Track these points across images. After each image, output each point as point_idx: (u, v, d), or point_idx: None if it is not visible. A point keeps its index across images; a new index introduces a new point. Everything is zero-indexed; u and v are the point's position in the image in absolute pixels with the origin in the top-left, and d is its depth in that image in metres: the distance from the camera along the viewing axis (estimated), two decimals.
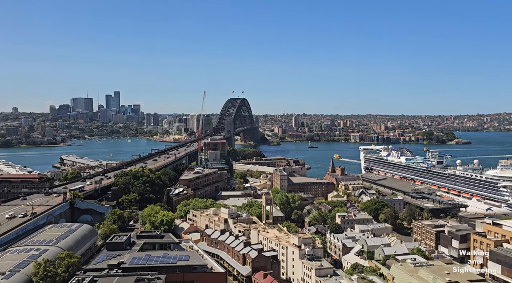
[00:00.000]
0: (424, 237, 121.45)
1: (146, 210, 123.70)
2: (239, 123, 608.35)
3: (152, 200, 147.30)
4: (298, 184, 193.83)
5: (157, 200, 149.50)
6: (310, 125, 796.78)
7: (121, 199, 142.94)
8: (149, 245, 78.81)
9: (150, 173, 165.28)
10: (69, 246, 78.69)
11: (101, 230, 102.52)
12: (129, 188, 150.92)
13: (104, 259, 69.41)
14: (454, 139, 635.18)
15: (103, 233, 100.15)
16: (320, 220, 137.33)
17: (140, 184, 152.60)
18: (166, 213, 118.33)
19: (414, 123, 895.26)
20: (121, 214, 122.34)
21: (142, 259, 68.88)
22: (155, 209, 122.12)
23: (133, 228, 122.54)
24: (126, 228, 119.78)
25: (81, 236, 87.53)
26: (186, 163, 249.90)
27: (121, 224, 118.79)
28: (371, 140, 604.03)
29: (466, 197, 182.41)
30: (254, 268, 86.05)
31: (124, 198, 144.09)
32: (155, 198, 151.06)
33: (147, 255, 70.90)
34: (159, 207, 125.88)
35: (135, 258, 69.17)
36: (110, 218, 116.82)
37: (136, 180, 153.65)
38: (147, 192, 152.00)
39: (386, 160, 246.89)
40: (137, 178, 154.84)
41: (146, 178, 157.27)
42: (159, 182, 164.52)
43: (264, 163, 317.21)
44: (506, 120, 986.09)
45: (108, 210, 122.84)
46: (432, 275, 70.86)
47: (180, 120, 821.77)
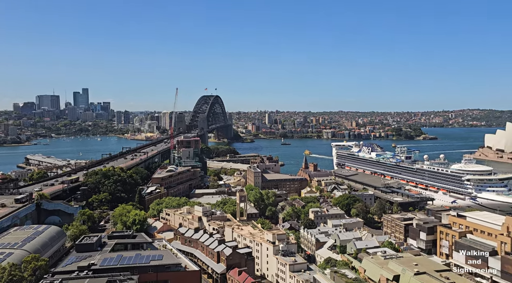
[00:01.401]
0: (393, 230, 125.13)
1: (117, 209, 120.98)
2: (213, 121, 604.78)
3: (124, 199, 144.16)
4: (272, 180, 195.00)
5: (129, 199, 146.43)
6: (284, 122, 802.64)
7: (91, 199, 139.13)
8: (121, 245, 77.05)
9: (121, 171, 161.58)
10: (35, 249, 75.70)
11: (70, 231, 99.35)
12: (99, 187, 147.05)
13: (73, 261, 67.32)
14: (421, 135, 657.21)
15: (72, 234, 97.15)
16: (294, 216, 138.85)
17: (111, 183, 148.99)
18: (138, 212, 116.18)
19: (383, 119, 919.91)
20: (91, 214, 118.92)
21: (114, 260, 67.31)
22: (126, 208, 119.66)
23: (104, 229, 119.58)
24: (97, 229, 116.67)
25: (49, 238, 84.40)
26: (159, 161, 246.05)
27: (91, 225, 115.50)
28: (342, 137, 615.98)
29: (433, 191, 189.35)
30: (228, 266, 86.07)
31: (94, 197, 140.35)
32: (126, 197, 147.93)
33: (119, 256, 69.36)
34: (131, 206, 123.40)
35: (106, 259, 67.52)
36: (80, 219, 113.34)
37: (107, 179, 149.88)
38: (118, 191, 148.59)
39: (357, 156, 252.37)
40: (107, 177, 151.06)
41: (117, 177, 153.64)
42: (130, 180, 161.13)
43: (238, 160, 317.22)
44: (470, 116, 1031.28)
45: (77, 211, 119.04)
46: (401, 267, 73.19)
47: (152, 118, 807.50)
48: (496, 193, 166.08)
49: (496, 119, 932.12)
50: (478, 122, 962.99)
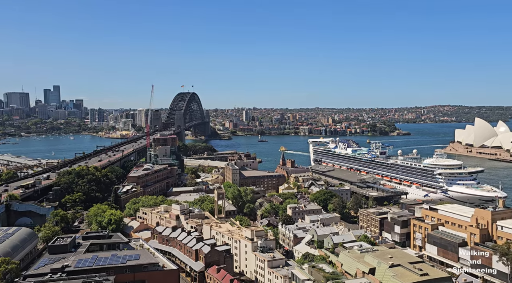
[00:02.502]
0: (369, 224, 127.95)
1: (92, 209, 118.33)
2: (190, 118, 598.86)
3: (99, 199, 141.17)
4: (250, 177, 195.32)
5: (104, 198, 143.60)
6: (261, 119, 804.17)
7: (64, 199, 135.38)
8: (96, 245, 75.48)
9: (95, 171, 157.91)
10: (5, 252, 73.00)
11: (42, 233, 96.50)
12: (72, 187, 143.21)
13: (46, 263, 65.44)
14: (395, 131, 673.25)
15: (45, 236, 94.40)
16: (272, 212, 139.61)
17: (85, 182, 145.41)
18: (114, 212, 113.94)
19: (359, 116, 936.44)
20: (64, 215, 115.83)
21: (89, 261, 65.84)
22: (102, 208, 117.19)
23: (78, 229, 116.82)
24: (71, 230, 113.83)
25: (19, 240, 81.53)
26: (135, 160, 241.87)
27: (64, 226, 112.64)
28: (319, 133, 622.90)
29: (406, 185, 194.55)
30: (207, 263, 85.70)
31: (67, 198, 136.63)
32: (101, 197, 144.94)
33: (94, 257, 67.90)
34: (106, 206, 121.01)
35: (81, 260, 65.95)
36: (52, 220, 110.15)
37: (81, 179, 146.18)
38: (93, 190, 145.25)
39: (334, 152, 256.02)
40: (81, 177, 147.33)
41: (92, 176, 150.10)
42: (105, 180, 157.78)
43: (216, 158, 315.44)
44: (441, 112, 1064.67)
45: (49, 212, 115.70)
46: (376, 260, 74.89)
47: (127, 116, 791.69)
48: (466, 186, 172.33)
49: (466, 115, 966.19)
50: (448, 118, 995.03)
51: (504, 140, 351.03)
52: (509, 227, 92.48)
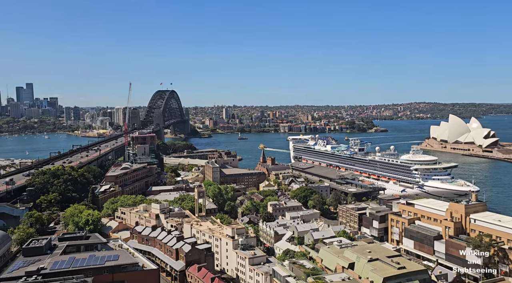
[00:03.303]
0: (348, 220, 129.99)
1: (68, 210, 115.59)
2: (169, 116, 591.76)
3: (75, 199, 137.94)
4: (230, 175, 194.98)
5: (81, 198, 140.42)
6: (241, 117, 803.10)
7: (39, 200, 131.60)
8: (73, 247, 73.66)
9: (72, 170, 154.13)
10: None
11: (16, 235, 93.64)
12: (48, 187, 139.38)
13: (20, 266, 63.36)
14: (373, 128, 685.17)
15: (19, 238, 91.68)
16: (253, 209, 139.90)
17: (61, 182, 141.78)
18: (91, 212, 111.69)
19: (338, 113, 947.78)
20: (39, 216, 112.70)
21: (66, 263, 64.21)
22: (78, 208, 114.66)
23: (54, 231, 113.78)
24: (46, 231, 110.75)
25: None
26: (113, 159, 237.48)
27: (39, 227, 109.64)
28: (299, 131, 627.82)
29: (384, 181, 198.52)
30: (188, 262, 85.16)
31: (42, 198, 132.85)
32: (78, 197, 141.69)
33: (71, 258, 66.25)
34: (84, 206, 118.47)
35: (57, 262, 64.25)
36: (26, 221, 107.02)
37: (56, 179, 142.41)
38: (69, 191, 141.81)
39: (314, 149, 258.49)
40: (57, 177, 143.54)
41: (68, 176, 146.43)
42: (82, 179, 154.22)
43: (196, 156, 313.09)
44: (417, 109, 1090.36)
45: (23, 213, 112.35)
46: (356, 255, 76.26)
47: (104, 114, 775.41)
48: (441, 181, 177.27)
49: (440, 112, 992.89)
50: (424, 115, 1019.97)
51: (476, 136, 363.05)
52: (481, 220, 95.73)
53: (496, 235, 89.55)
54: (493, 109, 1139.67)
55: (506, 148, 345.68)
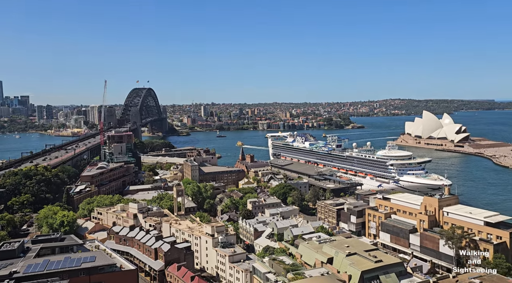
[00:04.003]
0: (327, 216, 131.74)
1: (42, 211, 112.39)
2: (146, 114, 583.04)
3: (49, 200, 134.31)
4: (209, 173, 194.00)
5: (55, 199, 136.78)
6: (219, 115, 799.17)
7: (10, 202, 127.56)
8: (48, 249, 71.64)
9: (45, 171, 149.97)
10: None
11: None
12: (19, 189, 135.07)
13: None
14: (350, 124, 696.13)
15: None
16: (232, 207, 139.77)
17: (34, 183, 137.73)
18: (66, 213, 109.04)
19: (315, 110, 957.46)
20: (11, 218, 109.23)
21: (40, 266, 62.40)
22: (53, 209, 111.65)
23: (27, 233, 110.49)
24: (19, 234, 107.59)
25: None
26: (88, 158, 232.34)
27: (11, 230, 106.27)
28: (277, 128, 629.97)
29: (361, 176, 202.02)
30: (167, 262, 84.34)
31: (14, 200, 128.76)
32: (52, 198, 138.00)
33: (45, 261, 64.44)
34: (58, 207, 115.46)
35: (31, 266, 62.35)
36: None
37: (29, 180, 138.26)
38: (43, 192, 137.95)
39: (292, 146, 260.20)
40: (29, 178, 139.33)
41: (41, 177, 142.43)
42: (56, 180, 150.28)
43: (174, 154, 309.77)
44: (392, 106, 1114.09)
45: None
46: (334, 250, 77.38)
47: (78, 112, 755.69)
48: (415, 175, 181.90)
49: (414, 108, 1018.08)
50: (399, 111, 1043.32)
51: (448, 132, 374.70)
52: (453, 213, 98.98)
53: (468, 227, 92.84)
54: (464, 106, 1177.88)
55: (477, 143, 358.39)
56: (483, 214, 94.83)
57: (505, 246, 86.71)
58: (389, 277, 69.47)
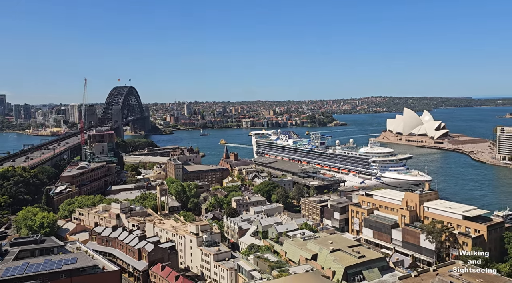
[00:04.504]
0: (311, 212, 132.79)
1: (20, 213, 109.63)
2: (128, 113, 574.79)
3: (28, 201, 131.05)
4: (193, 172, 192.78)
5: (35, 201, 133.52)
6: (203, 113, 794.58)
7: None
8: (27, 252, 69.95)
9: (23, 171, 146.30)
10: None
11: None
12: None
13: None
14: (333, 122, 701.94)
15: None
16: (217, 206, 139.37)
17: (11, 184, 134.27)
18: (46, 215, 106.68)
19: (299, 108, 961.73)
20: None
21: (19, 269, 60.89)
22: (32, 211, 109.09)
23: (5, 235, 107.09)
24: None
25: None
26: (68, 158, 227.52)
27: None
28: (261, 126, 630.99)
29: (344, 173, 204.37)
30: (151, 262, 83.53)
31: None
32: (31, 199, 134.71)
33: (24, 264, 62.90)
34: (38, 209, 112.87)
35: (9, 269, 60.77)
36: None
37: (6, 181, 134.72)
38: (21, 193, 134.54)
39: (276, 144, 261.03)
40: (6, 179, 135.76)
41: (19, 178, 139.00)
42: (35, 181, 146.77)
43: (157, 153, 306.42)
44: (374, 103, 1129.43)
45: None
46: (318, 246, 78.13)
47: (58, 112, 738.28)
48: (397, 172, 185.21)
49: (396, 105, 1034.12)
50: (380, 109, 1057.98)
51: (428, 128, 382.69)
52: (434, 208, 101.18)
53: (447, 221, 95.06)
54: (443, 103, 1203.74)
55: (455, 139, 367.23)
56: (461, 209, 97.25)
57: (482, 239, 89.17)
58: (372, 272, 70.60)
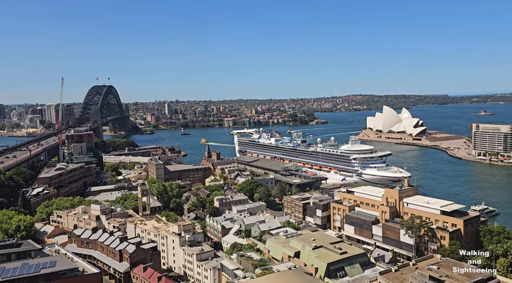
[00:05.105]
0: (293, 210, 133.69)
1: None
2: (107, 113, 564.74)
3: (4, 204, 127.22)
4: (175, 171, 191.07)
5: (10, 203, 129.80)
6: (184, 112, 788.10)
7: None
8: (3, 256, 67.90)
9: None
10: None
11: None
12: None
13: None
14: (314, 120, 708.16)
15: None
16: (199, 205, 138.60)
17: None
18: (22, 218, 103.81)
19: (280, 106, 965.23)
20: None
21: None
22: (7, 214, 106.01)
23: None
24: None
25: None
26: (45, 159, 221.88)
27: None
28: (243, 124, 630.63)
29: (326, 171, 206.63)
30: (132, 263, 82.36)
31: None
32: (7, 202, 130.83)
33: (0, 268, 61.04)
34: (14, 212, 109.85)
35: None
36: None
37: None
38: None
39: (258, 142, 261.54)
40: None
41: None
42: (11, 183, 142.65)
43: (138, 153, 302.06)
44: (354, 101, 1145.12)
45: None
46: (301, 243, 78.71)
47: (34, 112, 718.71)
48: (377, 168, 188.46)
49: (375, 103, 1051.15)
50: (361, 107, 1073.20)
51: (407, 126, 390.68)
52: (413, 203, 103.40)
53: (426, 216, 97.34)
54: (421, 100, 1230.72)
55: (433, 136, 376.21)
56: (439, 204, 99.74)
57: (459, 233, 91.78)
58: (353, 268, 71.63)
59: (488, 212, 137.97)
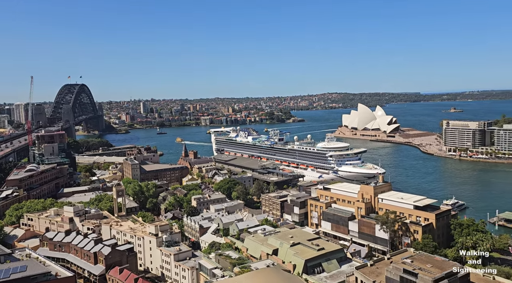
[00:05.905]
0: (271, 208, 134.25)
1: None
2: (80, 112, 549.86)
3: None
4: (151, 171, 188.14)
5: None
6: (160, 111, 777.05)
7: None
8: None
9: None
10: None
11: None
12: None
13: None
14: (291, 118, 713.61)
15: None
16: (176, 205, 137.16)
17: None
18: None
19: (257, 105, 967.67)
20: None
21: None
22: None
23: None
24: None
25: None
26: (14, 161, 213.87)
27: None
28: (220, 123, 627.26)
29: (303, 168, 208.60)
30: (108, 265, 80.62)
31: None
32: None
33: None
34: None
35: None
36: None
37: None
38: None
39: (235, 141, 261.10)
40: None
41: None
42: None
43: (113, 153, 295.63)
44: (329, 99, 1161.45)
45: None
46: (279, 241, 79.21)
47: (1, 111, 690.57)
48: (353, 165, 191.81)
49: (350, 101, 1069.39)
50: (336, 104, 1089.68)
51: (381, 123, 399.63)
52: (387, 199, 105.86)
53: (400, 211, 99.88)
54: (394, 98, 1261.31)
55: (406, 133, 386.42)
56: (412, 199, 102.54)
57: (432, 227, 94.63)
58: (330, 264, 72.73)
59: (458, 206, 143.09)
